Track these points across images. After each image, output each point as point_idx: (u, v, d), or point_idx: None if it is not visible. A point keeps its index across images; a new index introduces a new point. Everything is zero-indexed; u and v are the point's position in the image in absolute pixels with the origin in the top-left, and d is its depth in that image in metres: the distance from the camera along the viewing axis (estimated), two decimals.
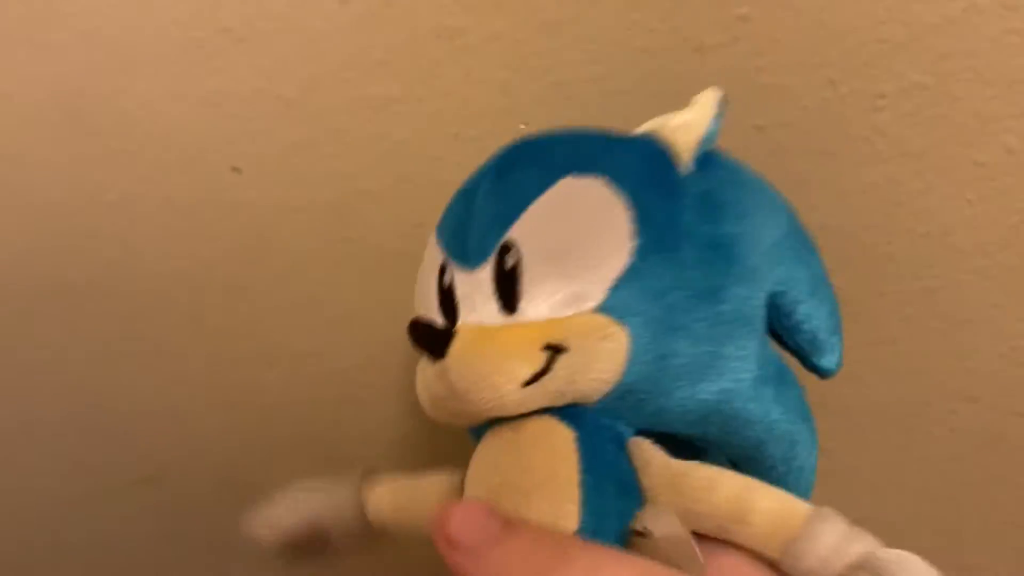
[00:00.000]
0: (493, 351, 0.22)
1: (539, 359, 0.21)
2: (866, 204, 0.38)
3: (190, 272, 0.43)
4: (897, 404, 0.43)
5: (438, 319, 0.24)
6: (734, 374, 0.23)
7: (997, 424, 0.43)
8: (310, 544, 0.30)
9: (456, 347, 0.22)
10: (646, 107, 0.37)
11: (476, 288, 0.23)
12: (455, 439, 0.30)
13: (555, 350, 0.21)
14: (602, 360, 0.22)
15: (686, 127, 0.26)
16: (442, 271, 0.25)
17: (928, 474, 0.44)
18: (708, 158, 0.26)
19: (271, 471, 0.49)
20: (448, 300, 0.24)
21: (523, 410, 0.22)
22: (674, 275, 0.23)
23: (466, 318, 0.23)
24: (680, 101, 0.37)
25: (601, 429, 0.23)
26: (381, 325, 0.43)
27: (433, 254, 0.26)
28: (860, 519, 0.46)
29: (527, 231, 0.23)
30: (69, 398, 0.47)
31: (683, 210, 0.24)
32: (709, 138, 0.26)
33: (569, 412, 0.23)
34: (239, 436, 0.48)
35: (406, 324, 0.23)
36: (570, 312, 0.22)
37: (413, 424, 0.47)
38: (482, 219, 0.24)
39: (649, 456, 0.24)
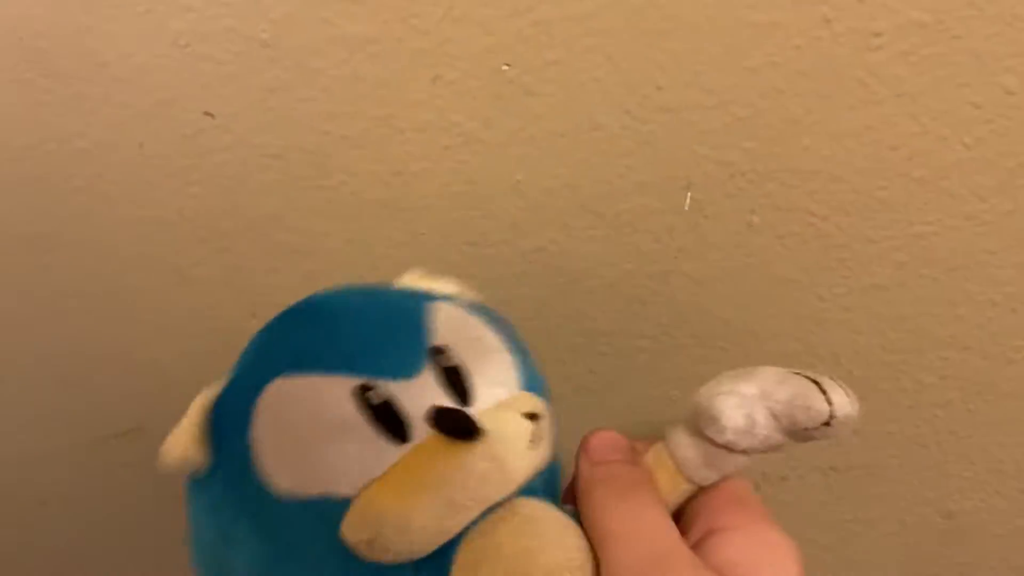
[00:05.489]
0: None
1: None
2: (860, 147, 0.37)
3: (165, 220, 0.42)
4: (888, 350, 0.42)
5: (374, 444, 0.23)
6: None
7: (988, 372, 0.42)
8: None
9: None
10: (632, 46, 0.36)
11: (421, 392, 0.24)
12: None
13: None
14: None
15: None
16: (364, 393, 0.24)
17: (916, 421, 0.44)
18: None
19: None
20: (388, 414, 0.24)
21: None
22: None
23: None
24: (669, 40, 0.36)
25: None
26: (361, 273, 0.42)
27: (317, 391, 0.24)
28: (845, 465, 0.46)
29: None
30: (45, 352, 0.46)
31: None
32: None
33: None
34: None
35: (387, 271, 0.22)
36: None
37: None
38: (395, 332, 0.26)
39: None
